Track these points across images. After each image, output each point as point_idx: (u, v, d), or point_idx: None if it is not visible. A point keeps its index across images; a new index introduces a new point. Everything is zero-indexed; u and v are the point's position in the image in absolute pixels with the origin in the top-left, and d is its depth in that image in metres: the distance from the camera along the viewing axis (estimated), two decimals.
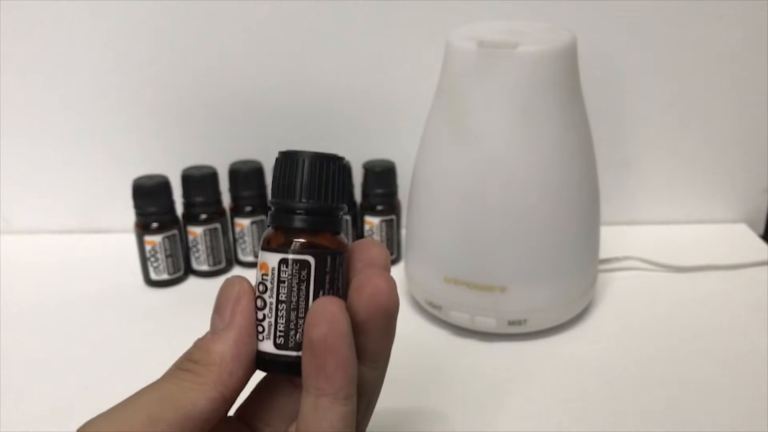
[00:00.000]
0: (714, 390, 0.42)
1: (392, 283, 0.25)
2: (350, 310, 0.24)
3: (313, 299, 0.25)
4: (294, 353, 0.25)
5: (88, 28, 0.58)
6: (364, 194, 0.56)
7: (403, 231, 0.55)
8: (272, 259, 0.25)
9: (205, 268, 0.56)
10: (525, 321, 0.46)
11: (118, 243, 0.60)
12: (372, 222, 0.56)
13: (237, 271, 0.58)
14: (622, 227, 0.63)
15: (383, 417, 0.40)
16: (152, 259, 0.54)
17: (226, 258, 0.57)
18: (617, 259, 0.56)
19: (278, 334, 0.25)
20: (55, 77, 0.59)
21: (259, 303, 0.25)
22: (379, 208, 0.56)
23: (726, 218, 0.64)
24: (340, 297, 0.25)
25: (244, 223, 0.56)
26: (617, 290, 0.54)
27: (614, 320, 0.50)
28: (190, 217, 0.55)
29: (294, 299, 0.25)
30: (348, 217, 0.57)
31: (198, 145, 0.61)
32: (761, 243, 0.61)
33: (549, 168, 0.44)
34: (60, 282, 0.57)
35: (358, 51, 0.58)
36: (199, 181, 0.54)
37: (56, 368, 0.46)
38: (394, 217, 0.57)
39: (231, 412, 0.27)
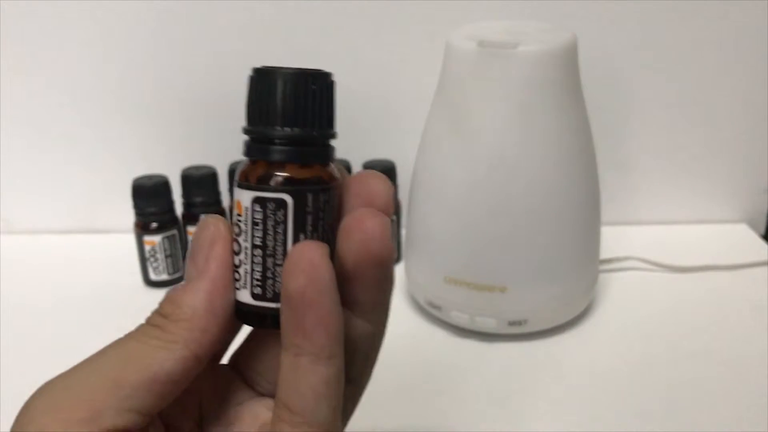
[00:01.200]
0: (714, 390, 0.42)
1: (385, 227, 0.21)
2: (338, 257, 0.22)
3: (293, 244, 0.21)
4: (273, 305, 0.22)
5: (88, 28, 0.58)
6: None
7: (403, 231, 0.55)
8: (246, 197, 0.21)
9: None
10: (525, 321, 0.46)
11: (118, 243, 0.60)
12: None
13: None
14: (623, 227, 0.63)
15: (382, 416, 0.40)
16: (152, 259, 0.54)
17: None
18: (618, 260, 0.56)
19: (255, 283, 0.22)
20: (54, 77, 0.59)
21: (235, 247, 0.22)
22: None
23: (726, 218, 0.64)
24: (327, 240, 0.22)
25: None
26: (618, 290, 0.54)
27: (614, 320, 0.50)
28: (190, 217, 0.55)
29: (271, 244, 0.21)
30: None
31: (197, 145, 0.61)
32: (762, 243, 0.61)
33: (549, 168, 0.43)
34: (60, 282, 0.57)
35: (359, 51, 0.58)
36: (199, 181, 0.54)
37: (56, 368, 0.46)
38: (394, 217, 0.56)
39: (224, 360, 0.25)
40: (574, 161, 0.45)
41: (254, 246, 0.22)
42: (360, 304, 0.22)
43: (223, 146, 0.60)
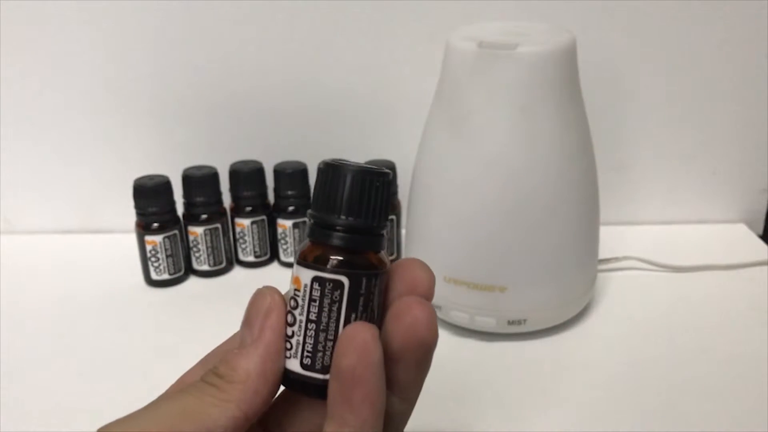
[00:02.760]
0: (714, 390, 0.42)
1: (432, 315, 0.23)
2: (385, 338, 0.23)
3: (345, 322, 0.23)
4: (320, 376, 0.24)
5: (88, 28, 0.58)
6: None
7: (403, 231, 0.55)
8: (306, 275, 0.24)
9: (205, 268, 0.56)
10: (525, 321, 0.46)
11: (119, 243, 0.60)
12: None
13: (237, 271, 0.58)
14: (622, 227, 0.63)
15: None
16: (153, 258, 0.54)
17: (226, 258, 0.57)
18: (616, 259, 0.57)
19: (305, 354, 0.24)
20: (55, 77, 0.60)
21: (290, 318, 0.24)
22: None
23: (725, 218, 0.64)
24: (374, 321, 0.24)
25: (244, 223, 0.56)
26: (617, 290, 0.54)
27: (614, 320, 0.50)
28: (191, 217, 0.55)
29: (325, 320, 0.23)
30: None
31: (198, 145, 0.61)
32: (760, 243, 0.61)
33: (548, 168, 0.44)
34: (60, 282, 0.57)
35: (359, 51, 0.58)
36: (200, 181, 0.54)
37: (56, 368, 0.46)
38: (394, 217, 0.57)
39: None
40: (573, 161, 0.45)
41: (309, 320, 0.24)
42: (398, 384, 0.24)
43: (225, 146, 0.61)
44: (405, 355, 0.23)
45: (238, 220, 0.56)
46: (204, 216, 0.55)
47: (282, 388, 0.25)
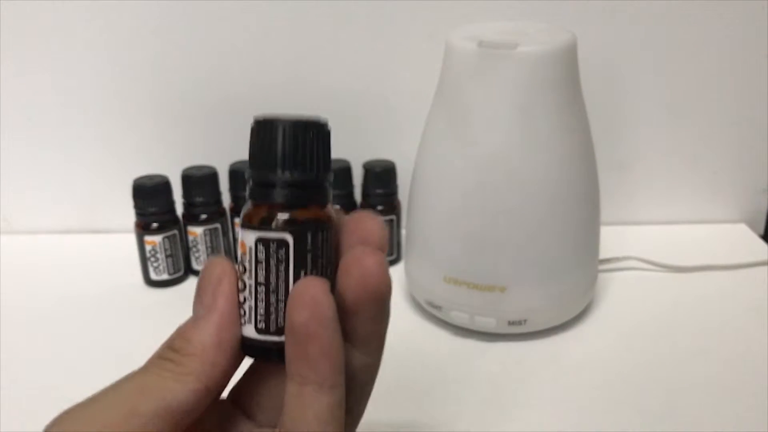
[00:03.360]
0: (714, 390, 0.42)
1: (382, 263, 0.23)
2: (338, 292, 0.23)
3: (294, 281, 0.23)
4: (276, 338, 0.23)
5: (88, 28, 0.58)
6: (364, 194, 0.56)
7: (403, 231, 0.55)
8: (249, 237, 0.23)
9: None
10: (525, 321, 0.46)
11: (119, 243, 0.60)
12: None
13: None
14: (622, 227, 0.63)
15: (381, 416, 0.40)
16: (152, 259, 0.54)
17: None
18: (617, 259, 0.57)
19: (259, 318, 0.23)
20: (55, 77, 0.59)
21: (240, 285, 0.23)
22: (379, 208, 0.56)
23: (726, 218, 0.64)
24: (326, 276, 0.23)
25: None
26: (617, 290, 0.54)
27: (614, 320, 0.50)
28: (191, 217, 0.55)
29: (273, 281, 0.23)
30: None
31: (198, 146, 0.61)
32: (761, 243, 0.61)
33: (549, 168, 0.44)
34: (60, 282, 0.57)
35: (358, 51, 0.58)
36: (199, 181, 0.54)
37: (56, 368, 0.46)
38: (394, 217, 0.57)
39: (224, 394, 0.26)
40: (573, 161, 0.45)
41: (258, 283, 0.23)
42: (358, 336, 0.24)
43: (224, 146, 0.60)
44: (360, 307, 0.23)
45: (238, 220, 0.56)
46: (203, 216, 0.55)
47: (247, 360, 0.25)
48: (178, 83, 0.60)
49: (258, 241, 0.23)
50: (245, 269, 0.23)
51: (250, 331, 0.23)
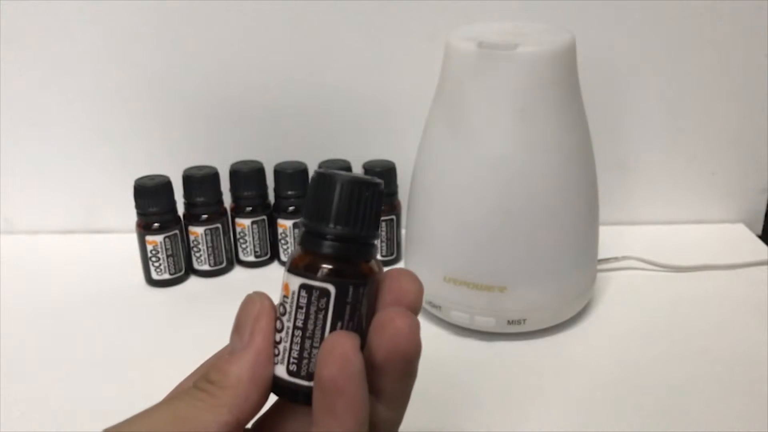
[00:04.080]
0: (712, 389, 0.43)
1: (415, 326, 0.23)
2: (369, 349, 0.24)
3: (330, 330, 0.24)
4: (306, 383, 0.24)
5: (89, 29, 0.58)
6: None
7: (403, 231, 0.55)
8: (294, 282, 0.24)
9: (206, 267, 0.56)
10: (524, 320, 0.46)
11: (120, 243, 0.60)
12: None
13: (238, 271, 0.58)
14: (621, 227, 0.63)
15: None
16: (153, 258, 0.54)
17: (227, 258, 0.57)
18: (616, 259, 0.57)
19: (291, 360, 0.24)
20: (56, 77, 0.60)
21: (278, 325, 0.24)
22: None
23: (724, 218, 0.65)
24: (360, 330, 0.24)
25: (244, 223, 0.56)
26: (616, 290, 0.54)
27: (613, 320, 0.50)
28: (192, 217, 0.55)
29: (311, 328, 0.24)
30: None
31: (199, 146, 0.61)
32: (759, 243, 0.61)
33: (548, 168, 0.44)
34: (61, 282, 0.57)
35: (359, 51, 0.59)
36: (200, 181, 0.54)
37: (57, 368, 0.46)
38: (394, 217, 0.57)
39: (249, 425, 0.26)
40: (572, 161, 0.45)
41: (296, 327, 0.24)
42: (384, 392, 0.25)
43: (225, 146, 0.61)
44: (388, 366, 0.24)
45: (239, 220, 0.56)
46: (204, 216, 0.55)
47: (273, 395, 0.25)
48: (180, 83, 0.60)
49: (302, 287, 0.24)
50: (285, 311, 0.24)
51: (281, 371, 0.24)
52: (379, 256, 0.26)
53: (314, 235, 0.24)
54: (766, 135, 0.61)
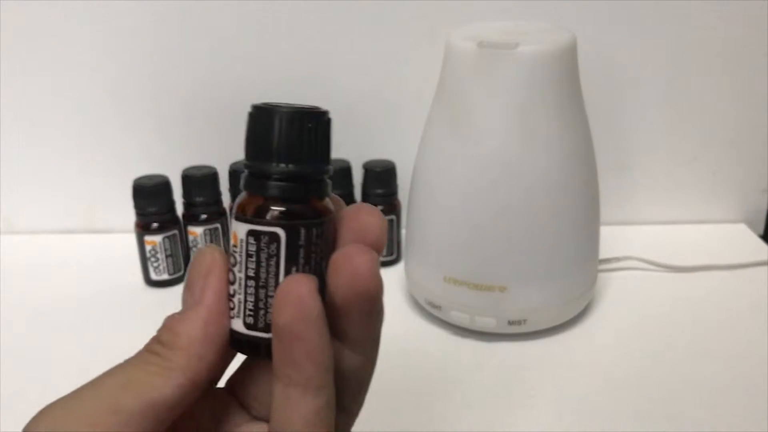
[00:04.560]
0: (714, 390, 0.42)
1: (373, 262, 0.22)
2: (329, 291, 0.22)
3: (285, 276, 0.22)
4: (265, 335, 0.22)
5: (88, 28, 0.58)
6: (364, 194, 0.56)
7: (403, 231, 0.55)
8: (241, 229, 0.22)
9: None
10: (525, 321, 0.46)
11: (119, 243, 0.60)
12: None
13: None
14: (622, 227, 0.63)
15: (382, 416, 0.40)
16: (152, 259, 0.54)
17: None
18: (617, 259, 0.57)
19: (248, 312, 0.22)
20: (55, 77, 0.59)
21: (231, 277, 0.23)
22: (379, 208, 0.56)
23: (725, 218, 0.64)
24: (319, 273, 0.22)
25: None
26: (617, 290, 0.54)
27: (614, 320, 0.50)
28: (191, 218, 0.55)
29: (263, 276, 0.22)
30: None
31: (198, 146, 0.61)
32: (761, 243, 0.61)
33: (549, 168, 0.44)
34: (60, 282, 0.57)
35: (359, 51, 0.58)
36: (200, 181, 0.54)
37: (56, 368, 0.46)
38: (394, 217, 0.57)
39: (221, 383, 0.25)
40: (573, 161, 0.45)
41: (248, 277, 0.22)
42: (350, 336, 0.23)
43: (224, 146, 0.60)
44: (349, 308, 0.22)
45: None
46: (204, 216, 0.55)
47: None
48: (179, 83, 0.60)
49: (249, 233, 0.22)
50: (236, 261, 0.22)
51: (238, 325, 0.23)
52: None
53: (258, 176, 0.22)
54: (766, 135, 0.61)
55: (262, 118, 0.22)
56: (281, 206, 0.22)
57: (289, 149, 0.22)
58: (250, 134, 0.23)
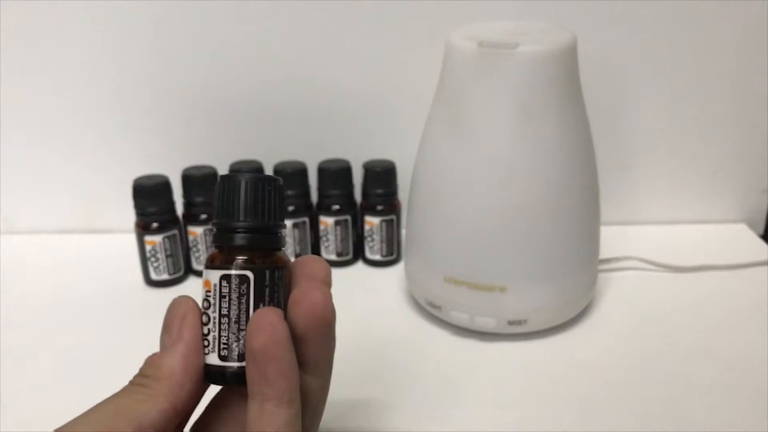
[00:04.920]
0: (714, 390, 0.42)
1: (328, 295, 0.26)
2: (289, 323, 0.26)
3: (254, 311, 0.26)
4: (237, 364, 0.26)
5: (88, 28, 0.58)
6: (364, 194, 0.56)
7: (403, 231, 0.55)
8: (214, 275, 0.26)
9: None
10: (525, 321, 0.46)
11: (119, 243, 0.60)
12: (372, 222, 0.56)
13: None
14: (622, 227, 0.63)
15: (382, 416, 0.40)
16: (152, 259, 0.54)
17: None
18: (617, 259, 0.57)
19: (222, 346, 0.26)
20: (55, 77, 0.60)
21: (204, 319, 0.26)
22: (379, 208, 0.56)
23: (726, 218, 0.64)
24: (280, 308, 0.26)
25: None
26: (617, 290, 0.54)
27: (614, 320, 0.50)
28: (191, 217, 0.55)
29: (235, 312, 0.26)
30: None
31: (198, 146, 0.61)
32: (761, 243, 0.61)
33: (549, 168, 0.44)
34: (60, 282, 0.57)
35: (359, 51, 0.58)
36: (200, 181, 0.54)
37: (56, 368, 0.46)
38: (394, 217, 0.57)
39: (186, 429, 0.28)
40: (573, 161, 0.45)
41: (222, 315, 0.26)
42: (309, 361, 0.27)
43: (224, 146, 0.61)
44: (309, 334, 0.26)
45: None
46: (204, 216, 0.55)
47: (209, 391, 0.28)
48: (179, 83, 0.60)
49: (222, 278, 0.26)
50: (210, 304, 0.26)
51: (213, 359, 0.26)
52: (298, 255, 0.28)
53: (226, 231, 0.27)
54: (766, 135, 0.61)
55: (228, 184, 0.27)
56: (246, 254, 0.26)
57: (252, 208, 0.26)
58: (219, 198, 0.27)
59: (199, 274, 0.57)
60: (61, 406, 0.42)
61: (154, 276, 0.55)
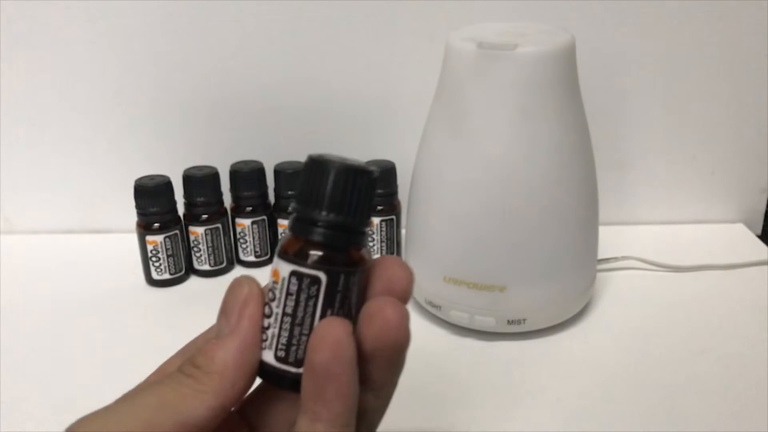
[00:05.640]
0: (712, 389, 0.43)
1: (404, 316, 0.23)
2: (358, 338, 0.23)
3: (320, 318, 0.23)
4: (293, 369, 0.24)
5: (89, 28, 0.58)
6: None
7: (403, 231, 0.55)
8: (284, 268, 0.24)
9: (206, 267, 0.56)
10: (524, 320, 0.46)
11: (120, 243, 0.60)
12: (372, 222, 0.56)
13: (238, 271, 0.58)
14: (621, 227, 0.63)
15: None
16: (154, 258, 0.54)
17: (227, 258, 0.57)
18: (616, 259, 0.57)
19: (280, 347, 0.24)
20: (56, 77, 0.60)
21: (266, 310, 0.24)
22: (379, 208, 0.56)
23: (724, 218, 0.65)
24: (350, 317, 0.24)
25: (245, 223, 0.56)
26: (616, 290, 0.54)
27: (613, 320, 0.50)
28: (192, 217, 0.55)
29: (300, 314, 0.23)
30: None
31: (199, 146, 0.61)
32: (759, 243, 0.61)
33: (548, 168, 0.44)
34: (61, 282, 0.57)
35: (359, 51, 0.59)
36: (201, 181, 0.54)
37: (57, 368, 0.46)
38: (394, 217, 0.57)
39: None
40: (572, 161, 0.45)
41: (285, 314, 0.24)
42: (372, 381, 0.24)
43: (225, 146, 0.61)
44: (377, 356, 0.24)
45: (239, 220, 0.56)
46: (205, 216, 0.55)
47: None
48: (180, 83, 0.60)
49: (292, 273, 0.23)
50: (274, 297, 0.24)
51: (269, 356, 0.24)
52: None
53: (306, 222, 0.24)
54: (766, 135, 0.61)
55: (317, 169, 0.24)
56: (322, 251, 0.23)
57: (338, 202, 0.23)
58: (304, 182, 0.24)
59: (199, 273, 0.57)
60: (62, 406, 0.43)
61: (155, 276, 0.55)
